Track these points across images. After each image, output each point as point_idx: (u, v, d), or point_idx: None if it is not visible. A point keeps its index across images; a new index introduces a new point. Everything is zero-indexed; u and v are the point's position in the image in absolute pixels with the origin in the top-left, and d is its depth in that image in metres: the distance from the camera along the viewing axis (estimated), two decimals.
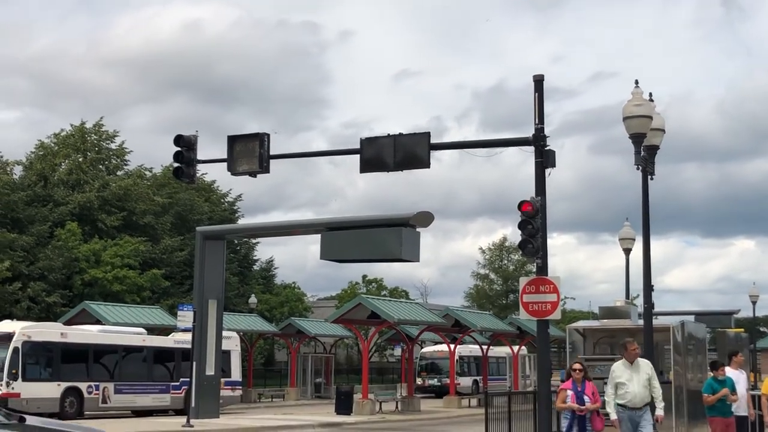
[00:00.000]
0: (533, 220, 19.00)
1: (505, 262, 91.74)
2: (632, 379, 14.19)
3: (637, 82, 15.39)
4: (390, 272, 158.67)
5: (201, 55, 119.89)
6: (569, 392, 14.16)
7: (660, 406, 14.37)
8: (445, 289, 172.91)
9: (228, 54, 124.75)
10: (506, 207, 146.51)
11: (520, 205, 19.10)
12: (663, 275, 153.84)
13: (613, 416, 14.16)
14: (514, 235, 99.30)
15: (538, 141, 19.71)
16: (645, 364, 14.49)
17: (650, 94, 15.60)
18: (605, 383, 21.73)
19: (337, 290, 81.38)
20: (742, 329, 43.08)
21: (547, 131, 20.14)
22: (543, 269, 19.69)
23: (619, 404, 14.24)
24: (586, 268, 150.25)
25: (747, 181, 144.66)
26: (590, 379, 14.63)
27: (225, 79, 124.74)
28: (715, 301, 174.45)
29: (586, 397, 14.12)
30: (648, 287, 15.30)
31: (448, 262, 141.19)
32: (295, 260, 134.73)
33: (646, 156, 15.40)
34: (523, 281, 19.90)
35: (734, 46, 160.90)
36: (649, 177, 15.62)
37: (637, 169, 15.56)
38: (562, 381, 17.84)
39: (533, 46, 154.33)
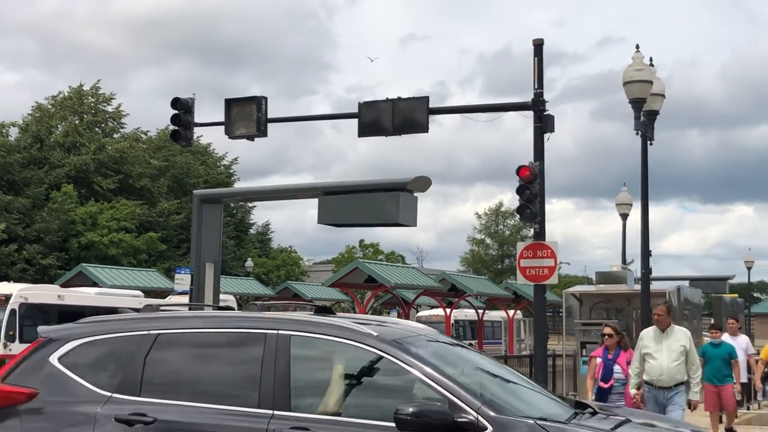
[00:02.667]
0: (531, 186, 19.00)
1: (501, 227, 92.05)
2: (661, 351, 11.38)
3: (638, 46, 15.34)
4: (388, 236, 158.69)
5: (206, 16, 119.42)
6: (598, 360, 11.76)
7: (696, 389, 11.56)
8: (442, 254, 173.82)
9: (233, 15, 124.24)
10: (506, 172, 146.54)
11: (519, 170, 19.08)
12: (661, 240, 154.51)
13: (632, 390, 11.47)
14: (510, 201, 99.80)
15: (537, 106, 19.65)
16: (681, 334, 11.58)
17: (651, 59, 15.56)
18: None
19: (335, 254, 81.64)
20: (736, 294, 43.28)
21: (550, 96, 20.19)
22: (541, 234, 19.72)
23: (645, 382, 11.51)
24: (585, 233, 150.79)
25: (748, 148, 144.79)
26: (627, 346, 11.90)
27: (230, 41, 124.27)
28: (711, 267, 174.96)
29: (617, 367, 11.62)
30: (646, 252, 15.34)
31: (446, 226, 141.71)
32: (293, 224, 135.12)
33: (645, 121, 15.37)
34: (520, 246, 19.95)
35: (740, 12, 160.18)
36: (649, 142, 15.62)
37: (637, 134, 15.54)
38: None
39: (541, 10, 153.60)
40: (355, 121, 21.84)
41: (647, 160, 15.51)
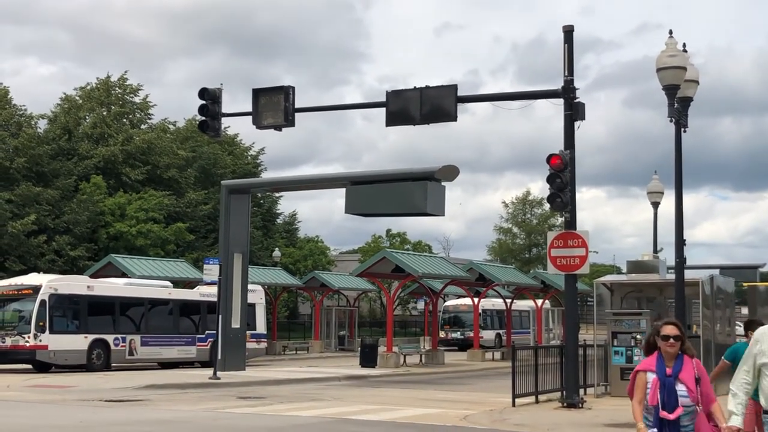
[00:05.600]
0: (562, 174, 18.84)
1: (528, 216, 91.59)
2: None
3: (671, 32, 15.01)
4: (416, 226, 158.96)
5: (241, 6, 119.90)
6: (650, 377, 7.52)
7: None
8: (469, 243, 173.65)
9: (268, 5, 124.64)
10: (536, 161, 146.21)
11: (549, 158, 18.93)
12: (693, 228, 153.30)
13: (735, 420, 7.52)
14: (540, 190, 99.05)
15: (568, 93, 19.47)
16: None
17: (684, 45, 15.27)
18: (633, 337, 21.77)
19: (361, 244, 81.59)
20: (767, 283, 42.70)
21: (583, 84, 20.00)
22: (571, 223, 19.56)
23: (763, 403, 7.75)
24: (615, 221, 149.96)
25: None
26: (693, 354, 7.75)
27: (263, 31, 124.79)
28: (743, 255, 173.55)
29: (680, 387, 7.39)
30: (680, 241, 15.09)
31: (475, 215, 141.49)
32: (320, 214, 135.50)
33: (679, 108, 15.11)
34: (551, 235, 19.78)
35: None
36: (683, 129, 15.36)
37: (671, 121, 15.26)
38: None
39: None
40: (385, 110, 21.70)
41: (681, 148, 15.23)
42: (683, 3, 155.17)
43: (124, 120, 59.49)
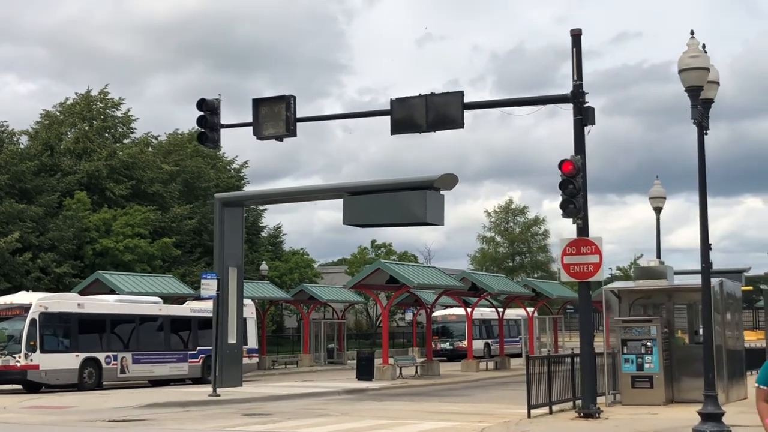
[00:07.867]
0: (575, 180, 18.58)
1: (511, 224, 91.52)
2: None
3: (692, 32, 14.75)
4: (396, 236, 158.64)
5: (222, 20, 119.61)
6: None
7: None
8: (450, 253, 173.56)
9: (248, 19, 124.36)
10: (516, 170, 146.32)
11: (561, 164, 18.68)
12: (669, 234, 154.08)
13: None
14: (519, 198, 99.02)
15: (577, 98, 19.25)
16: None
17: (703, 46, 15.02)
18: (643, 344, 21.48)
19: (341, 256, 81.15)
20: (751, 287, 42.69)
21: (562, 94, 19.71)
22: (584, 230, 19.29)
23: None
24: (591, 229, 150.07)
25: (758, 140, 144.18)
26: None
27: (245, 44, 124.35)
28: (719, 260, 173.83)
29: None
30: (706, 246, 14.80)
31: (455, 225, 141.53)
32: (300, 227, 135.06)
33: (701, 110, 14.85)
34: (563, 242, 19.49)
35: (753, 4, 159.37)
36: (705, 132, 15.11)
37: (694, 123, 14.99)
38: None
39: (547, 6, 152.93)
40: (367, 121, 21.41)
41: (704, 151, 14.93)
42: (659, 11, 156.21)
43: (107, 134, 58.69)
